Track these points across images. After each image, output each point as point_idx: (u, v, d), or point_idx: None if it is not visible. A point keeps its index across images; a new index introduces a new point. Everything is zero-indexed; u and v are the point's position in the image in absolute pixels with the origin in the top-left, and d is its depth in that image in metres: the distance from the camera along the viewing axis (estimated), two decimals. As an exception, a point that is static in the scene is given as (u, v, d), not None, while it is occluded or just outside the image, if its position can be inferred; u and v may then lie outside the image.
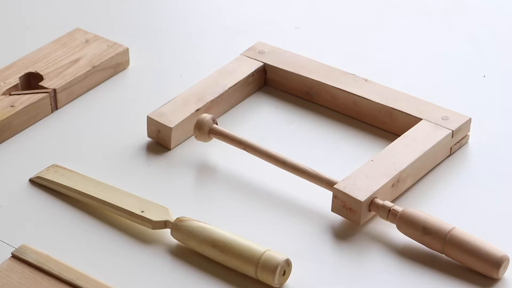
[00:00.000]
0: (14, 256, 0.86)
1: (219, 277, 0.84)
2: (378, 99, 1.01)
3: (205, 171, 0.98)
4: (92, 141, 1.01)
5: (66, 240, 0.88)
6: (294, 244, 0.88)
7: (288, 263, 0.84)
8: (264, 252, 0.83)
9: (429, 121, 0.97)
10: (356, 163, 0.95)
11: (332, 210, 0.90)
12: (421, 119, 0.98)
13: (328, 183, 0.91)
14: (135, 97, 1.08)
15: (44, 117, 1.04)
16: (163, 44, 1.16)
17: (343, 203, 0.89)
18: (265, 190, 0.94)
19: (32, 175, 0.96)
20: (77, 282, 0.82)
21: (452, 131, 0.97)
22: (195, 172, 0.97)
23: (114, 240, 0.89)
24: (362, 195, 0.88)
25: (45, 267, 0.84)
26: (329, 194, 0.91)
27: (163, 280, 0.85)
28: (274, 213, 0.92)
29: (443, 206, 0.92)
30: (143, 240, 0.89)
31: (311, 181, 0.92)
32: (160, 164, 0.98)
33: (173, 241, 0.88)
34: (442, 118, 0.98)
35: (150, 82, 1.10)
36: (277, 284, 0.83)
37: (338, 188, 0.89)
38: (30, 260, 0.85)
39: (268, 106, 1.06)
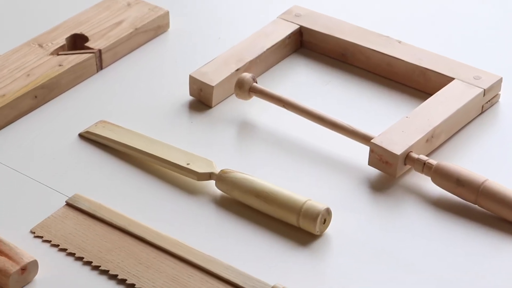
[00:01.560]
0: (68, 204, 0.91)
1: (262, 226, 0.89)
2: (412, 59, 1.05)
3: (245, 127, 1.02)
4: (136, 99, 1.06)
5: (115, 191, 0.93)
6: (333, 196, 0.92)
7: (328, 211, 0.88)
8: (306, 201, 0.88)
9: (462, 81, 1.01)
10: (391, 121, 0.99)
11: (368, 164, 0.94)
12: (453, 79, 1.02)
13: (365, 138, 0.95)
14: (176, 58, 1.12)
15: (90, 76, 1.08)
16: (202, 7, 1.20)
17: (379, 156, 0.93)
18: (304, 145, 0.99)
19: (80, 130, 1.00)
20: (129, 228, 0.87)
21: (484, 90, 1.00)
22: (236, 129, 1.02)
23: (161, 191, 0.93)
24: (398, 149, 0.92)
25: (98, 214, 0.89)
26: (365, 148, 0.95)
27: (208, 228, 0.89)
28: (313, 167, 0.96)
29: (474, 161, 0.96)
30: (189, 191, 0.93)
31: (348, 137, 0.97)
32: (202, 121, 1.03)
33: (217, 192, 0.93)
34: (474, 78, 1.01)
35: (190, 44, 1.15)
36: (318, 232, 0.88)
37: (375, 143, 0.93)
38: (83, 208, 0.90)
39: (304, 68, 1.10)
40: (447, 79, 1.02)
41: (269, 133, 1.00)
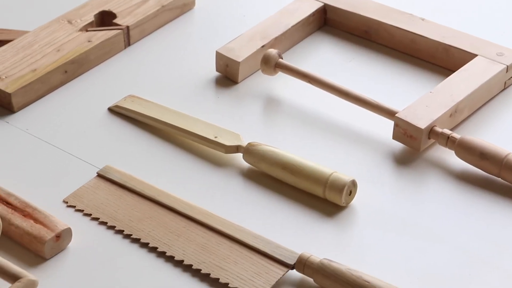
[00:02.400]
0: (100, 175, 0.93)
1: (288, 197, 0.91)
2: (435, 36, 1.06)
3: (271, 102, 1.04)
4: (163, 75, 1.07)
5: (144, 163, 0.95)
6: (358, 169, 0.93)
7: (354, 183, 0.90)
8: (332, 173, 0.90)
9: (485, 57, 1.03)
10: (414, 97, 1.01)
11: (393, 138, 0.96)
12: (476, 55, 1.03)
13: (389, 113, 0.97)
14: (201, 35, 1.14)
15: (117, 53, 1.10)
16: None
17: (404, 131, 0.95)
18: (329, 120, 1.00)
19: (109, 104, 1.03)
20: (159, 198, 0.89)
21: (507, 66, 1.02)
22: (261, 104, 1.03)
23: (189, 164, 0.95)
24: (422, 123, 0.94)
25: (128, 185, 0.91)
26: (389, 123, 0.97)
27: (236, 199, 0.91)
28: (338, 141, 0.98)
29: (497, 135, 0.97)
30: (216, 164, 0.95)
31: (372, 111, 0.98)
32: (228, 96, 1.05)
33: (245, 164, 0.94)
34: (497, 54, 1.03)
35: (215, 22, 1.16)
36: (343, 203, 0.89)
37: (400, 117, 0.95)
38: (114, 178, 0.92)
39: (328, 45, 1.12)
40: (470, 56, 1.04)
41: (295, 108, 1.02)
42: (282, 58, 1.04)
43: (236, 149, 0.95)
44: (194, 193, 0.92)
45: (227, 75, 1.07)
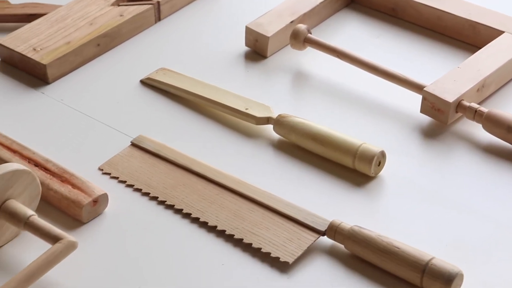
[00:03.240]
0: (133, 144, 0.95)
1: (318, 168, 0.93)
2: (462, 13, 1.08)
3: (299, 77, 1.05)
4: (193, 49, 1.09)
5: (176, 134, 0.97)
6: (386, 141, 0.95)
7: (383, 154, 0.91)
8: (361, 144, 0.91)
9: (511, 34, 1.04)
10: (441, 73, 1.02)
11: (420, 112, 0.98)
12: (503, 32, 1.04)
13: (417, 87, 0.98)
14: (231, 11, 1.15)
15: (148, 27, 1.12)
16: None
17: (432, 104, 0.96)
18: (357, 94, 1.02)
19: (141, 77, 1.04)
20: (192, 167, 0.91)
21: (533, 42, 1.04)
22: (290, 78, 1.05)
23: (220, 135, 0.97)
24: (450, 97, 0.95)
25: (161, 153, 0.93)
26: (417, 97, 0.98)
27: (267, 169, 0.93)
28: (366, 114, 1.00)
29: (523, 111, 1.00)
30: (247, 135, 0.97)
31: (400, 85, 1.00)
32: (257, 71, 1.06)
33: (275, 135, 0.96)
34: (523, 31, 1.05)
35: (244, -1, 1.19)
36: (373, 173, 0.91)
37: (428, 91, 0.96)
38: (147, 147, 0.94)
39: (355, 22, 1.13)
40: (497, 33, 1.05)
41: (323, 82, 1.04)
42: (311, 33, 1.06)
43: (267, 120, 0.97)
44: (225, 164, 0.93)
45: (256, 50, 1.08)
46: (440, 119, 0.97)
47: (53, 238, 0.78)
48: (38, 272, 0.76)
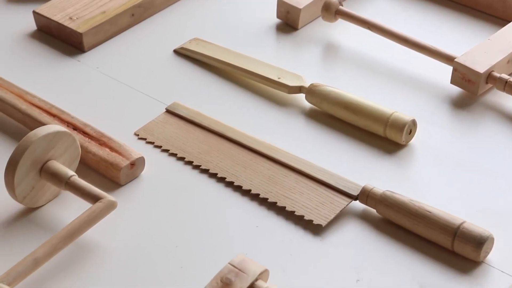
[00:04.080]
0: (168, 111, 0.97)
1: (349, 135, 0.94)
2: (492, -13, 1.09)
3: (331, 48, 1.07)
4: (226, 20, 1.11)
5: (210, 102, 0.99)
6: (417, 111, 0.96)
7: (414, 123, 0.93)
8: (393, 113, 0.93)
9: (541, 7, 1.05)
10: (471, 46, 1.03)
11: (451, 82, 0.99)
12: (533, 6, 1.06)
13: (448, 58, 1.00)
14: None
15: (181, -1, 1.15)
16: None
17: (462, 75, 0.98)
18: (388, 65, 1.03)
19: (175, 47, 1.06)
20: (226, 133, 0.93)
21: None
22: (321, 50, 1.06)
23: (253, 103, 0.99)
24: (480, 68, 0.97)
25: (196, 120, 0.95)
26: (447, 68, 1.00)
27: (299, 137, 0.95)
28: (396, 85, 1.01)
29: (553, 83, 1.00)
30: (279, 103, 0.99)
31: (431, 57, 1.01)
32: (289, 43, 1.08)
33: (307, 104, 0.98)
34: (553, 5, 1.05)
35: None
36: (403, 142, 0.93)
37: (459, 62, 0.98)
38: (182, 114, 0.96)
39: (385, -4, 1.16)
40: (527, 6, 1.06)
41: (354, 54, 1.05)
42: (342, 6, 1.08)
43: (299, 89, 0.98)
44: (258, 131, 0.95)
45: (288, 22, 1.10)
46: (470, 90, 0.98)
47: (93, 198, 0.80)
48: (80, 230, 0.78)
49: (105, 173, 0.87)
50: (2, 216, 0.83)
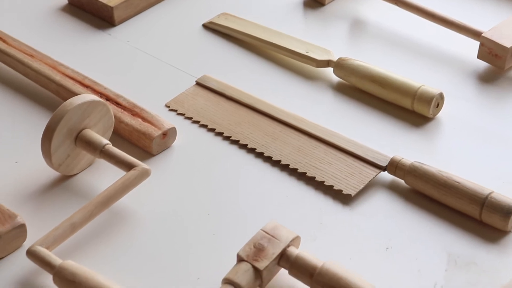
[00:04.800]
0: (198, 84, 0.98)
1: (376, 108, 0.95)
2: (519, -36, 1.10)
3: (357, 24, 1.07)
4: (253, -4, 1.13)
5: (239, 75, 1.00)
6: (444, 85, 0.98)
7: (441, 96, 0.94)
8: (420, 86, 0.94)
9: None
10: (498, 20, 1.04)
11: (478, 57, 1.00)
12: (560, -18, 1.07)
13: (474, 33, 1.00)
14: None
15: (209, -26, 1.16)
16: None
17: (489, 50, 0.98)
18: (415, 41, 1.04)
19: (204, 21, 1.08)
20: (255, 105, 0.94)
21: None
22: (348, 25, 1.07)
23: (281, 77, 1.00)
24: (507, 42, 0.97)
25: (226, 92, 0.96)
26: (474, 43, 1.01)
27: (327, 110, 0.96)
28: (423, 60, 1.02)
29: None
30: (308, 77, 1.00)
31: (458, 32, 1.02)
32: (315, 18, 1.09)
33: (335, 78, 0.99)
34: None
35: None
36: (431, 115, 0.94)
37: (486, 36, 0.98)
38: (212, 86, 0.97)
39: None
40: (553, -17, 1.07)
41: (381, 29, 1.06)
42: (369, -18, 1.09)
43: (327, 63, 0.99)
44: (286, 105, 0.96)
45: (314, -3, 1.12)
46: (497, 64, 0.99)
47: (127, 165, 0.82)
48: (115, 196, 0.80)
49: (137, 143, 0.89)
50: (39, 184, 0.85)
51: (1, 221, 0.77)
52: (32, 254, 0.74)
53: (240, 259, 0.74)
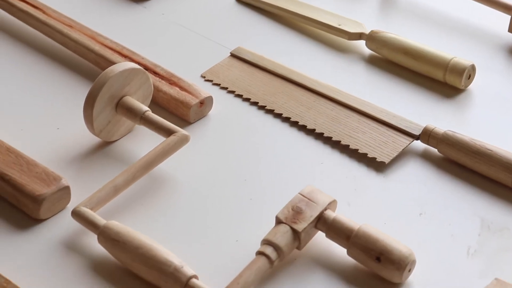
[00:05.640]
0: (232, 55, 1.00)
1: (408, 80, 0.97)
2: None
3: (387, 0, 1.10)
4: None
5: (271, 47, 1.02)
6: (475, 58, 0.98)
7: (473, 68, 0.95)
8: (452, 58, 0.95)
9: None
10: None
11: (508, 31, 1.01)
12: None
13: (506, 7, 1.01)
14: None
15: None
16: None
17: (520, 23, 1.00)
18: (447, 15, 1.05)
19: (236, -5, 1.10)
20: (289, 76, 0.96)
21: None
22: (378, 1, 1.09)
23: (313, 49, 1.02)
24: (539, 16, 0.99)
25: (260, 64, 0.98)
26: (505, 17, 1.02)
27: (359, 81, 0.98)
28: (454, 34, 1.03)
29: None
30: (339, 50, 1.02)
31: (489, 6, 1.03)
32: (346, -7, 1.11)
33: (367, 51, 1.01)
34: None
35: None
36: (463, 86, 0.95)
37: (517, 10, 1.00)
38: (246, 58, 0.99)
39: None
40: None
41: (413, 3, 1.07)
42: (400, -43, 1.10)
43: (359, 36, 1.01)
44: (318, 76, 0.98)
45: (346, -27, 1.13)
46: (528, 37, 1.00)
47: (167, 131, 0.84)
48: (155, 161, 0.82)
49: (175, 111, 0.91)
50: (80, 150, 0.87)
51: (46, 182, 0.79)
52: (77, 215, 0.76)
53: (278, 222, 0.76)
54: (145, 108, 0.85)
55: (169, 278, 0.72)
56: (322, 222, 0.77)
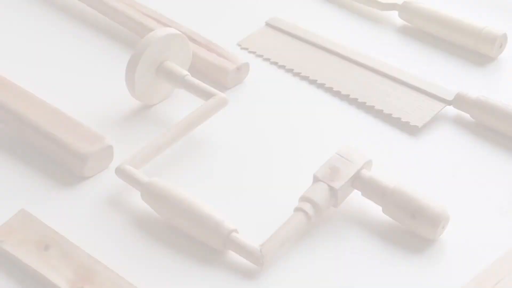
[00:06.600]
0: (268, 25, 1.02)
1: (440, 49, 0.98)
2: None
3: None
4: None
5: (305, 16, 1.03)
6: (507, 28, 0.99)
7: (505, 37, 0.97)
8: (484, 27, 0.96)
9: None
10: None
11: (539, 2, 1.03)
12: None
13: (536, -22, 1.04)
14: None
15: None
16: None
17: (551, -6, 1.02)
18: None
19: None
20: (324, 44, 0.97)
21: None
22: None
23: (347, 19, 1.03)
24: None
25: (294, 33, 1.00)
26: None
27: (392, 51, 0.99)
28: (485, 4, 1.04)
29: None
30: (372, 20, 1.03)
31: (520, -22, 1.05)
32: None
33: (399, 21, 1.02)
34: None
35: None
36: (494, 55, 0.96)
37: (548, -19, 1.02)
38: (281, 27, 1.01)
39: None
40: None
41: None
42: None
43: (392, 6, 1.03)
44: (352, 46, 1.00)
45: None
46: (558, 8, 1.02)
47: (206, 94, 0.86)
48: (196, 122, 0.84)
49: (212, 76, 0.93)
50: (121, 112, 0.90)
51: (90, 141, 0.82)
52: (121, 172, 0.79)
53: (316, 180, 0.79)
54: (185, 72, 0.88)
55: (211, 231, 0.75)
56: (359, 181, 0.79)
